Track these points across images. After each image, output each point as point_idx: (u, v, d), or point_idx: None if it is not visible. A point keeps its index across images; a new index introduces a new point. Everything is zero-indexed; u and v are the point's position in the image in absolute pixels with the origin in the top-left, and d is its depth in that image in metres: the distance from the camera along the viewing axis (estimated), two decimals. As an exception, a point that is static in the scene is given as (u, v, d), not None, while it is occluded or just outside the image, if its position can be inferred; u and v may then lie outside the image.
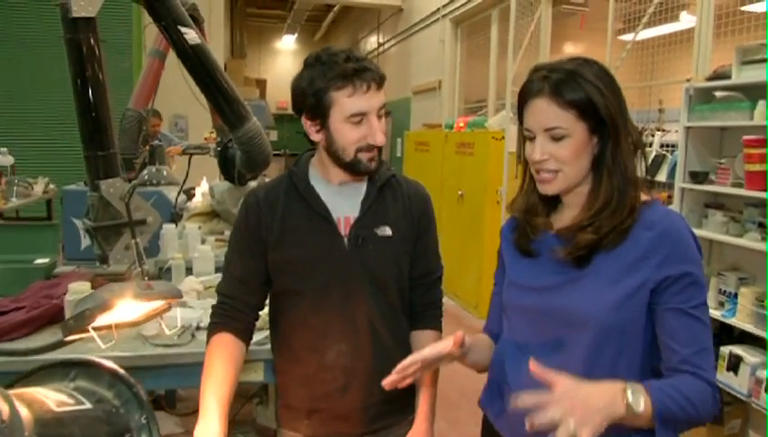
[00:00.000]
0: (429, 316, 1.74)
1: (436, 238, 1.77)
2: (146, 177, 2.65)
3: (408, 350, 1.67)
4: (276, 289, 1.68)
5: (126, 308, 1.09)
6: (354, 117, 1.53)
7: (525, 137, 1.37)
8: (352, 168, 1.60)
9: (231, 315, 1.64)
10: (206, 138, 6.25)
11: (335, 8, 14.69)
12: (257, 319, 1.71)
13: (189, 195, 5.20)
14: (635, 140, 1.34)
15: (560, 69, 1.29)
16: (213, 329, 1.64)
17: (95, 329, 1.04)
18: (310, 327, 1.62)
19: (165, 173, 2.61)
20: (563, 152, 1.29)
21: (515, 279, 1.44)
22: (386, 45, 12.23)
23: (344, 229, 1.62)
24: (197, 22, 4.68)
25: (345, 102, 1.52)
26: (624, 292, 1.25)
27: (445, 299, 1.80)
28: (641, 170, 1.35)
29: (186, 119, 8.90)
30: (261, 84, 13.66)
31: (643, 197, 1.32)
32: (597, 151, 1.31)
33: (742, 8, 3.95)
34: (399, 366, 1.33)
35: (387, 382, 1.33)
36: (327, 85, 1.51)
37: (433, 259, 1.75)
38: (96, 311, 1.02)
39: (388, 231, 1.64)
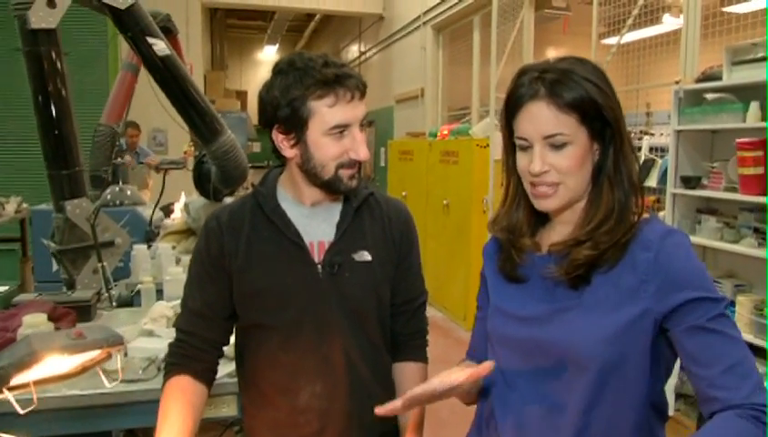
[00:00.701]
0: (413, 346, 1.58)
1: (419, 261, 1.61)
2: (108, 197, 2.50)
3: (390, 388, 1.52)
4: (241, 323, 1.51)
5: (54, 361, 0.94)
6: (335, 130, 1.36)
7: (514, 147, 1.21)
8: (330, 187, 1.43)
9: (190, 354, 1.47)
10: (185, 152, 6.10)
11: (316, 18, 14.58)
12: (220, 356, 1.54)
13: (168, 211, 5.04)
14: (632, 144, 1.19)
15: (554, 69, 1.14)
16: (169, 370, 1.46)
17: (11, 388, 0.88)
18: (281, 365, 1.45)
19: (129, 193, 2.45)
20: (565, 162, 1.13)
21: (500, 306, 1.28)
22: (367, 54, 12.13)
23: (318, 255, 1.45)
24: (172, 33, 4.55)
25: (326, 112, 1.35)
26: (623, 322, 1.10)
27: (433, 311, 1.65)
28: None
29: (166, 133, 8.76)
30: (242, 95, 13.46)
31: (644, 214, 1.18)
32: (597, 158, 1.17)
33: (726, 9, 3.88)
34: (408, 396, 1.16)
35: (381, 410, 1.15)
36: (304, 93, 1.34)
37: (417, 284, 1.59)
38: (12, 370, 0.87)
39: (366, 256, 1.47)
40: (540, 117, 1.13)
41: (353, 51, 13.30)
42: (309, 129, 1.37)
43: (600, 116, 1.13)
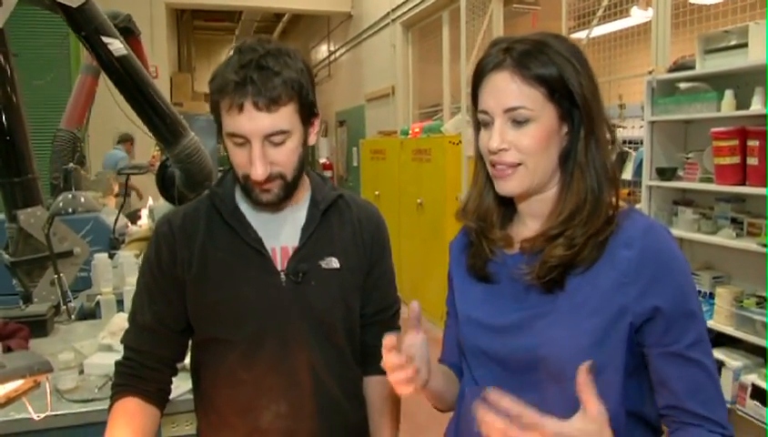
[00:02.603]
0: None
1: (392, 268, 1.50)
2: (60, 204, 2.38)
3: (360, 404, 1.42)
4: (197, 337, 1.39)
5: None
6: (235, 138, 1.22)
7: (480, 124, 1.11)
8: (247, 195, 1.31)
9: (139, 374, 1.34)
10: (153, 156, 5.95)
11: (284, 18, 14.42)
12: (174, 374, 1.42)
13: (135, 217, 4.90)
14: (610, 133, 1.09)
15: (526, 40, 1.05)
16: (116, 392, 1.34)
17: None
18: (241, 384, 1.33)
19: (82, 199, 2.33)
20: (526, 140, 1.03)
21: (469, 313, 1.18)
22: (337, 54, 12.01)
23: (281, 263, 1.33)
24: (133, 34, 4.43)
25: (225, 117, 1.22)
26: (603, 327, 1.01)
27: (409, 311, 1.52)
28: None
29: (133, 137, 8.54)
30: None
31: (621, 204, 1.09)
32: (566, 143, 1.07)
33: (693, 0, 3.85)
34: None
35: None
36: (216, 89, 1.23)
37: (390, 292, 1.49)
38: None
39: (335, 263, 1.36)
40: (503, 89, 1.04)
41: (323, 51, 13.18)
42: (223, 128, 1.25)
43: (570, 95, 1.04)
